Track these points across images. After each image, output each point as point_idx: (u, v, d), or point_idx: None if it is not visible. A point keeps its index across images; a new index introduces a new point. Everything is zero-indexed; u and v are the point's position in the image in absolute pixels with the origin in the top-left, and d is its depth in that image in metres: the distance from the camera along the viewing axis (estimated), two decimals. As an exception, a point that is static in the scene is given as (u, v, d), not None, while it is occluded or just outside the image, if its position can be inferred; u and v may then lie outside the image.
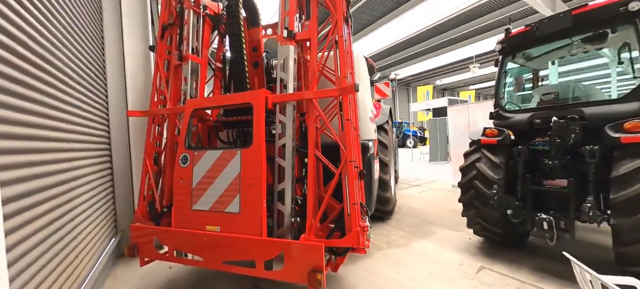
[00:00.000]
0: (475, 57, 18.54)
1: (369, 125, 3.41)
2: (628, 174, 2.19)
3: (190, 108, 2.53)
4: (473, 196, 3.15)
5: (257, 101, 2.27)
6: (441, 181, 7.78)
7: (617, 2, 2.51)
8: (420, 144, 21.55)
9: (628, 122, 2.29)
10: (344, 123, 2.17)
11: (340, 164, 2.18)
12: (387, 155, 4.20)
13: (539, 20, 3.01)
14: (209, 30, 3.03)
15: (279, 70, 2.39)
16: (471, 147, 3.39)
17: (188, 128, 2.54)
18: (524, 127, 3.09)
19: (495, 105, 3.49)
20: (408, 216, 4.76)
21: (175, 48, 2.87)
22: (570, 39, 2.97)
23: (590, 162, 2.48)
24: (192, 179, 2.45)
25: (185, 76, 2.76)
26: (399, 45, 16.70)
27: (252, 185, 2.21)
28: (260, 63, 3.18)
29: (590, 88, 3.17)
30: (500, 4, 11.89)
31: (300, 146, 2.55)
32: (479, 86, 30.21)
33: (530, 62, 3.64)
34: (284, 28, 2.33)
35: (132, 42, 3.57)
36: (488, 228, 3.15)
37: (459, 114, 7.11)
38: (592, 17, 2.65)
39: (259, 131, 2.24)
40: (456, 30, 14.47)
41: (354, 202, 2.12)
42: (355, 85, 2.03)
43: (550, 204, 2.81)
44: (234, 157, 2.31)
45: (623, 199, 2.19)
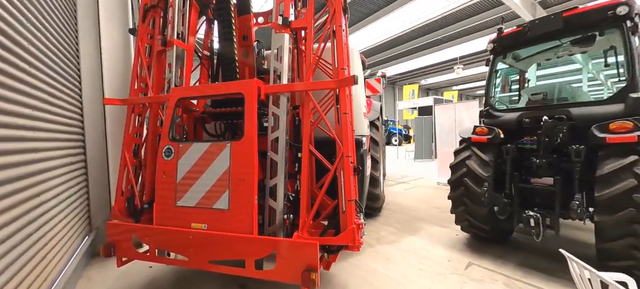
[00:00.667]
0: (459, 59, 19.03)
1: (362, 120, 3.36)
2: (612, 173, 2.27)
3: (175, 97, 2.35)
4: (463, 193, 3.18)
5: (249, 91, 2.14)
6: (427, 179, 7.92)
7: (606, 6, 2.59)
8: (405, 142, 21.97)
9: (613, 123, 2.37)
10: (341, 117, 2.09)
11: (336, 159, 2.10)
12: (377, 151, 4.18)
13: (531, 21, 3.06)
14: (195, 15, 2.84)
15: (272, 60, 2.27)
16: (461, 145, 3.42)
17: (172, 119, 2.37)
18: (513, 126, 3.15)
19: (486, 104, 3.54)
20: (396, 213, 4.79)
21: (158, 32, 2.66)
22: (559, 41, 3.05)
23: (576, 161, 2.55)
24: (176, 174, 2.29)
25: (170, 63, 2.56)
26: (385, 44, 16.81)
27: (243, 180, 2.09)
28: (250, 52, 3.03)
29: (577, 89, 3.28)
30: (484, 8, 12.21)
31: (293, 140, 2.45)
32: (462, 87, 31.15)
33: (519, 63, 3.72)
34: (278, 15, 2.20)
35: (109, 24, 3.29)
36: (476, 224, 3.20)
37: (446, 113, 7.24)
38: (582, 19, 2.72)
39: (251, 123, 2.11)
40: (441, 31, 14.74)
41: (350, 199, 2.05)
42: (354, 77, 1.95)
43: (536, 201, 2.89)
44: (223, 151, 2.17)
45: (606, 198, 2.26)
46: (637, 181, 2.13)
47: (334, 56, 2.15)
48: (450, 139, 6.96)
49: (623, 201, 2.18)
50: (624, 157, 2.24)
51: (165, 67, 2.69)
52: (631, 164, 2.20)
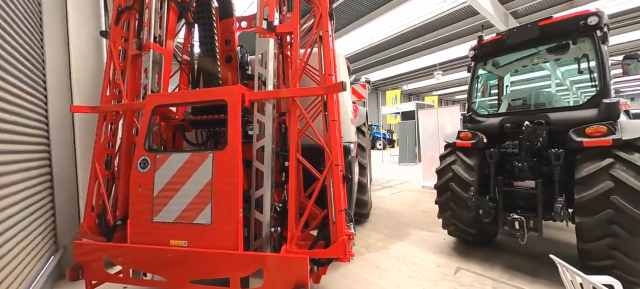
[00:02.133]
0: (439, 65, 19.71)
1: (349, 127, 3.33)
2: (590, 176, 2.36)
3: (151, 104, 2.19)
4: (449, 197, 3.20)
5: (233, 98, 2.03)
6: (412, 182, 8.02)
7: (578, 16, 2.73)
8: (389, 146, 22.31)
9: (589, 127, 2.47)
10: (329, 124, 2.03)
11: (325, 168, 2.03)
12: (364, 157, 4.16)
13: (509, 29, 3.17)
14: (174, 18, 2.70)
15: (257, 65, 2.18)
16: (446, 150, 3.46)
17: (149, 127, 2.20)
18: (495, 130, 3.22)
19: (468, 109, 3.61)
20: (384, 218, 4.77)
21: (133, 35, 2.50)
22: (536, 49, 3.18)
23: (555, 164, 2.63)
24: (153, 187, 2.12)
25: (146, 68, 2.40)
26: (368, 50, 17.10)
27: (226, 192, 1.97)
28: (233, 57, 2.92)
29: (553, 95, 3.42)
30: (460, 17, 12.73)
31: (279, 149, 2.36)
32: (442, 92, 32.25)
33: (499, 69, 3.85)
34: (263, 19, 2.12)
35: (79, 26, 3.06)
36: (463, 228, 3.22)
37: (429, 118, 7.40)
38: (556, 29, 2.85)
39: (235, 131, 2.00)
40: (421, 38, 15.20)
41: (340, 208, 1.98)
42: (342, 83, 1.90)
43: (519, 204, 2.95)
44: (204, 161, 2.04)
45: (586, 200, 2.34)
46: (614, 183, 2.22)
47: (321, 62, 2.10)
48: (434, 143, 7.10)
49: (601, 202, 2.26)
50: (601, 160, 2.33)
51: (140, 73, 2.52)
52: (607, 166, 2.29)
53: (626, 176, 2.20)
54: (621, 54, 7.88)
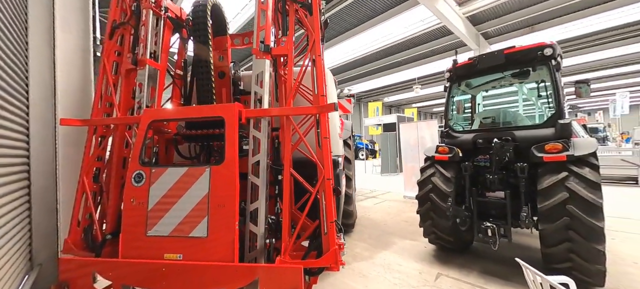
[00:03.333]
0: (418, 79, 20.72)
1: (338, 141, 3.50)
2: (549, 187, 2.67)
3: (147, 119, 2.24)
4: (429, 207, 3.44)
5: (230, 115, 2.13)
6: (394, 192, 8.32)
7: (536, 47, 3.13)
8: (371, 156, 22.83)
9: (548, 144, 2.81)
10: (322, 141, 2.17)
11: (318, 182, 2.17)
12: (350, 169, 4.33)
13: (479, 55, 3.53)
14: (169, 34, 2.76)
15: (253, 84, 2.30)
16: (426, 163, 3.72)
17: (144, 142, 2.24)
18: (469, 145, 3.53)
19: (445, 125, 3.93)
20: (369, 228, 4.94)
21: (128, 50, 2.53)
22: (502, 73, 3.56)
23: (521, 177, 2.95)
24: (147, 201, 2.14)
25: (141, 82, 2.44)
26: (351, 63, 17.69)
27: (223, 205, 2.04)
28: (226, 73, 3.02)
29: (519, 114, 3.81)
30: (437, 36, 13.60)
31: (272, 163, 2.47)
32: (421, 104, 33.72)
33: (472, 89, 4.23)
34: (259, 41, 2.26)
35: (66, 38, 3.01)
36: (442, 236, 3.46)
37: (409, 131, 7.79)
38: (519, 57, 3.24)
39: (232, 147, 2.09)
40: (401, 54, 16.00)
41: (332, 220, 2.11)
42: (334, 104, 2.07)
43: (491, 213, 3.24)
44: (201, 175, 2.10)
45: (546, 208, 2.65)
46: (569, 194, 2.54)
47: (314, 83, 2.26)
48: (414, 154, 7.46)
49: (559, 211, 2.57)
50: (558, 174, 2.66)
51: (133, 87, 2.55)
52: (563, 179, 2.62)
53: (578, 187, 2.53)
54: (578, 74, 8.76)
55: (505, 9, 11.20)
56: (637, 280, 2.94)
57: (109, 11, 2.60)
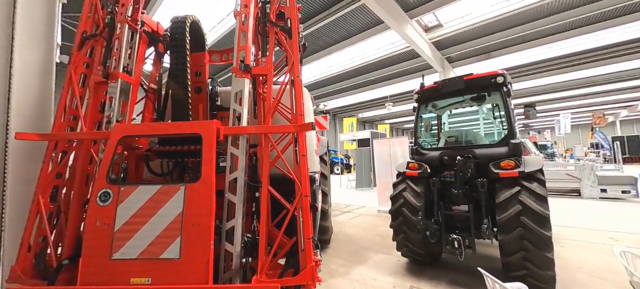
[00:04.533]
0: (390, 97, 21.76)
1: (314, 157, 3.57)
2: (505, 200, 2.95)
3: (118, 134, 2.15)
4: (402, 221, 3.60)
5: (208, 133, 2.12)
6: (368, 207, 8.50)
7: (489, 75, 3.52)
8: (346, 171, 23.17)
9: (503, 161, 3.12)
10: (300, 159, 2.24)
11: (295, 199, 2.21)
12: (326, 185, 4.41)
13: (443, 80, 3.88)
14: (144, 48, 2.72)
15: (232, 102, 2.32)
16: (398, 178, 3.91)
17: (112, 159, 2.14)
18: (436, 162, 3.79)
19: (415, 143, 4.19)
20: (344, 243, 5.00)
21: (98, 62, 2.44)
22: (462, 97, 3.92)
23: (482, 191, 3.22)
24: (114, 221, 2.03)
25: (111, 96, 2.35)
26: (326, 80, 18.17)
27: (198, 225, 1.99)
28: (203, 88, 3.01)
29: (478, 134, 4.19)
30: (407, 58, 14.54)
31: (249, 180, 2.46)
32: (393, 121, 35.27)
33: (438, 110, 4.58)
34: (239, 61, 2.31)
35: (27, 41, 2.81)
36: (413, 249, 3.61)
37: (382, 147, 8.10)
38: (476, 83, 3.61)
39: (209, 165, 2.07)
40: (375, 72, 16.81)
41: (308, 236, 2.15)
42: (312, 124, 2.16)
43: (457, 225, 3.47)
44: (176, 194, 2.04)
45: (504, 220, 2.91)
46: (522, 206, 2.82)
47: (292, 103, 2.34)
48: (387, 170, 7.75)
49: (514, 222, 2.83)
50: (512, 188, 2.96)
51: (102, 100, 2.44)
52: (517, 193, 2.91)
53: (530, 200, 2.83)
54: (529, 96, 9.73)
55: (465, 37, 12.38)
56: (584, 284, 3.28)
57: (79, 21, 2.50)
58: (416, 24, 11.13)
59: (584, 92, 22.58)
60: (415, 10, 10.05)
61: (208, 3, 9.52)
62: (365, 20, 10.75)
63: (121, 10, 2.39)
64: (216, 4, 9.63)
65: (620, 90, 22.36)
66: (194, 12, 2.97)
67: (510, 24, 11.29)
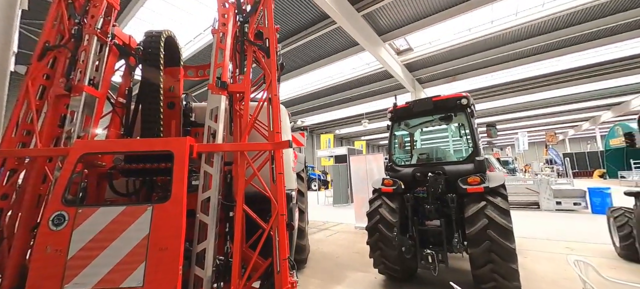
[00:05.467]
0: (366, 114, 22.47)
1: (291, 174, 3.54)
2: (473, 215, 3.11)
3: (79, 151, 1.99)
4: (378, 238, 3.63)
5: (181, 150, 2.04)
6: (346, 224, 8.49)
7: (455, 97, 3.79)
8: (323, 187, 23.11)
9: (470, 177, 3.32)
10: (276, 177, 2.21)
11: (271, 218, 2.16)
12: (304, 202, 4.37)
13: (414, 100, 4.11)
14: (114, 61, 2.60)
15: (207, 119, 2.27)
16: (374, 195, 3.99)
17: (70, 178, 1.97)
18: (409, 178, 3.93)
19: (389, 160, 4.32)
20: (322, 262, 4.91)
21: (61, 74, 2.28)
22: (432, 116, 4.17)
23: (452, 206, 3.37)
24: (68, 247, 1.84)
25: (74, 110, 2.19)
26: (304, 97, 18.44)
27: (166, 249, 1.87)
28: (176, 104, 2.91)
29: (447, 151, 4.43)
30: (380, 77, 15.25)
31: (224, 199, 2.38)
32: (369, 137, 36.23)
33: (410, 128, 4.81)
34: (216, 78, 2.29)
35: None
36: (390, 266, 3.64)
37: (359, 163, 8.25)
38: (443, 104, 3.87)
39: (180, 184, 1.98)
40: (351, 91, 17.39)
41: (284, 257, 2.10)
42: (289, 142, 2.16)
43: (431, 240, 3.57)
44: (141, 215, 1.91)
45: (473, 234, 3.05)
46: (488, 220, 2.99)
47: (269, 121, 2.34)
48: (364, 186, 7.86)
49: (482, 236, 2.98)
50: (479, 203, 3.13)
51: (62, 114, 2.27)
52: (483, 207, 3.08)
53: (495, 214, 3.00)
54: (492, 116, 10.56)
55: (434, 61, 13.34)
56: (544, 293, 3.49)
57: (42, 30, 2.34)
58: (389, 47, 11.80)
59: (538, 113, 25.05)
60: (388, 35, 10.69)
61: (184, 17, 9.41)
62: (342, 41, 11.20)
63: (90, 21, 2.29)
64: (193, 19, 9.55)
65: (568, 111, 25.11)
66: (169, 25, 2.92)
67: (472, 51, 12.37)
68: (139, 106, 2.69)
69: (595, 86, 17.17)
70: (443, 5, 9.11)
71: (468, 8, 8.95)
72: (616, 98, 20.91)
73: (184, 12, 9.10)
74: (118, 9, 2.63)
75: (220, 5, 2.53)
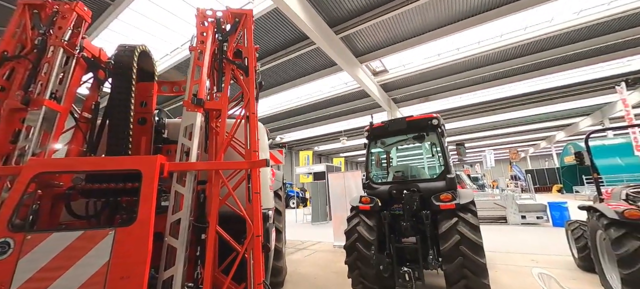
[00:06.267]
0: (344, 131, 22.87)
1: (268, 193, 3.47)
2: (447, 231, 3.22)
3: (32, 170, 1.82)
4: (356, 257, 3.61)
5: (150, 169, 1.93)
6: (324, 242, 8.36)
7: (426, 118, 4.00)
8: (302, 204, 22.77)
9: (442, 194, 3.46)
10: (253, 197, 2.16)
11: (246, 239, 2.09)
12: (281, 222, 4.27)
13: (389, 120, 4.28)
14: (80, 74, 2.46)
15: (181, 136, 2.19)
16: (352, 213, 4.00)
17: (20, 200, 1.78)
18: (386, 196, 4.01)
19: (366, 177, 4.40)
20: (299, 285, 4.75)
21: (18, 87, 2.11)
22: (406, 136, 4.35)
23: (426, 223, 3.47)
24: (11, 279, 1.64)
25: (30, 125, 2.02)
26: (283, 114, 18.48)
27: (128, 277, 1.72)
28: (148, 120, 2.79)
29: (421, 169, 4.61)
30: (358, 96, 15.76)
31: (195, 220, 2.26)
32: (347, 154, 36.71)
33: (386, 147, 4.96)
34: (192, 94, 2.24)
35: None
36: (368, 286, 3.60)
37: (337, 180, 8.29)
38: (415, 124, 4.07)
39: (148, 204, 1.86)
40: (329, 108, 17.72)
41: (259, 281, 2.02)
42: (266, 160, 2.14)
43: (407, 258, 3.61)
44: (101, 241, 1.76)
45: (447, 250, 3.14)
46: (460, 237, 3.10)
47: (246, 138, 2.31)
48: (342, 203, 7.87)
49: (455, 252, 3.08)
50: (451, 219, 3.25)
51: (16, 130, 2.08)
52: (455, 224, 3.20)
53: (466, 230, 3.13)
54: (462, 134, 11.21)
55: (407, 82, 14.09)
56: (513, 306, 3.62)
57: (1, 39, 2.17)
58: (366, 68, 12.32)
59: (502, 132, 27.05)
60: (364, 57, 11.19)
61: (160, 31, 9.22)
62: (321, 61, 11.52)
63: (57, 33, 2.17)
64: (170, 33, 9.38)
65: (527, 131, 27.39)
66: (144, 38, 2.84)
67: (442, 74, 13.27)
68: (106, 121, 2.55)
69: (548, 108, 19.04)
70: (414, 32, 9.77)
71: (436, 36, 9.69)
72: (567, 120, 23.29)
73: (161, 25, 8.93)
74: (89, 22, 2.52)
75: (199, 24, 2.53)
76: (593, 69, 13.38)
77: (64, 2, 2.29)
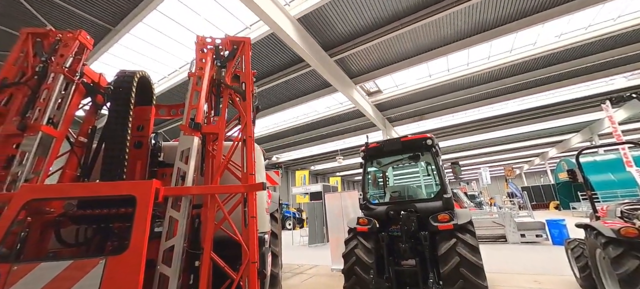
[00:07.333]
0: (340, 151, 22.93)
1: (264, 216, 3.41)
2: (446, 253, 3.17)
3: (24, 197, 1.79)
4: (355, 281, 3.51)
5: (144, 194, 1.91)
6: (322, 266, 8.13)
7: (421, 138, 4.06)
8: (299, 225, 22.31)
9: (440, 214, 3.44)
10: (249, 221, 2.13)
11: (242, 266, 2.04)
12: (277, 245, 4.16)
13: (384, 140, 4.33)
14: (78, 99, 2.48)
15: (177, 160, 2.19)
16: (350, 235, 3.94)
17: (10, 227, 1.74)
18: (383, 216, 3.97)
19: (363, 198, 4.38)
20: (296, 311, 4.57)
21: (15, 113, 2.12)
22: (401, 155, 4.39)
23: (425, 244, 3.42)
24: (-6, 313, 1.56)
25: (25, 151, 2.01)
26: (279, 133, 18.56)
27: (118, 308, 1.65)
28: (144, 143, 2.79)
29: (418, 189, 4.61)
30: (354, 116, 15.97)
31: (189, 247, 2.21)
32: (344, 173, 36.57)
33: (382, 167, 4.98)
34: (190, 119, 2.27)
35: None
36: (367, 313, 3.48)
37: (334, 201, 8.20)
38: (410, 144, 4.12)
39: (142, 231, 1.82)
40: (325, 128, 17.87)
41: (255, 309, 1.95)
42: (263, 184, 2.13)
43: (407, 281, 3.53)
44: (91, 271, 1.70)
45: (447, 273, 3.08)
46: (460, 259, 3.05)
47: (243, 162, 2.32)
48: (339, 224, 7.73)
49: (455, 274, 3.02)
50: (450, 240, 3.22)
51: (8, 156, 2.07)
52: (454, 244, 3.17)
53: (465, 252, 3.08)
54: (457, 152, 11.27)
55: (401, 102, 14.38)
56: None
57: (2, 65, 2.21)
58: (360, 89, 12.60)
59: (496, 149, 27.37)
60: (358, 78, 11.49)
61: (159, 54, 9.41)
62: (316, 82, 11.77)
63: (59, 60, 2.21)
64: (169, 56, 9.57)
65: (521, 148, 27.77)
66: (143, 61, 2.90)
67: (434, 94, 13.61)
68: (102, 145, 2.54)
69: (538, 126, 19.48)
70: (406, 54, 10.13)
71: (428, 58, 10.05)
72: (558, 137, 23.77)
73: (159, 49, 9.13)
74: (90, 49, 2.59)
75: (198, 51, 2.61)
76: (578, 88, 13.89)
77: (67, 30, 2.35)
